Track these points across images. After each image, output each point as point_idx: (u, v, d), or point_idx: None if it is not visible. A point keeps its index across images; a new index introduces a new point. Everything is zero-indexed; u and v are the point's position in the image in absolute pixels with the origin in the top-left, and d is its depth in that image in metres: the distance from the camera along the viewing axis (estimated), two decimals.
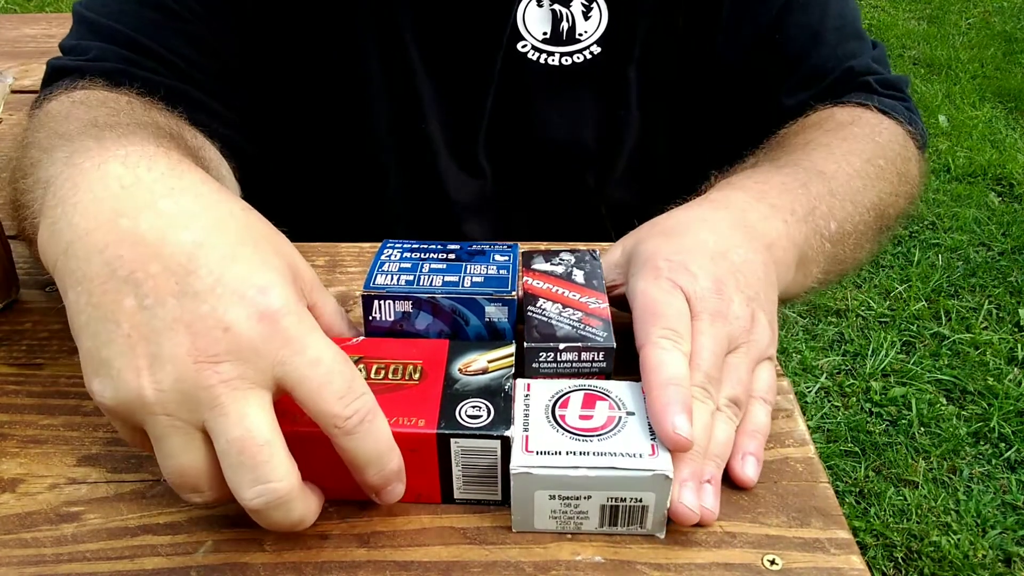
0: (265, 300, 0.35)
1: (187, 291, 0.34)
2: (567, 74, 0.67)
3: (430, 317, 0.46)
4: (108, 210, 0.36)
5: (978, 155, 2.49)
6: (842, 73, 0.69)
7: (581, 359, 0.44)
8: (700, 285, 0.44)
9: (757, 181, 0.55)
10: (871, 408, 1.64)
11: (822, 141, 0.61)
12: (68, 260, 0.36)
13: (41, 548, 0.40)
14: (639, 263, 0.47)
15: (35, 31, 1.10)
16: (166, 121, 0.54)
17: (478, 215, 0.73)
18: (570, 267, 0.49)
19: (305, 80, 0.68)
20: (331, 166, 0.73)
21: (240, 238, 0.37)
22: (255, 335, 0.34)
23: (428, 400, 0.41)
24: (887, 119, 0.67)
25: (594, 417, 0.41)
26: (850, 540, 0.40)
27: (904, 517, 1.41)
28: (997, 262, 2.06)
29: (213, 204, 0.38)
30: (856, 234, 0.58)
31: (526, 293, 0.47)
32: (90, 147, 0.39)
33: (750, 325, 0.45)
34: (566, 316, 0.45)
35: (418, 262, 0.47)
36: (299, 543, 0.40)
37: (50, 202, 0.38)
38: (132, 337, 0.34)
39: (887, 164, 0.63)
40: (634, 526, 0.40)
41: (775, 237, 0.50)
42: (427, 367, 0.43)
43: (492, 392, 0.41)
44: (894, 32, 3.39)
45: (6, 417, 0.47)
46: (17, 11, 3.45)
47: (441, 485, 0.41)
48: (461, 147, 0.70)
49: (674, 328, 0.42)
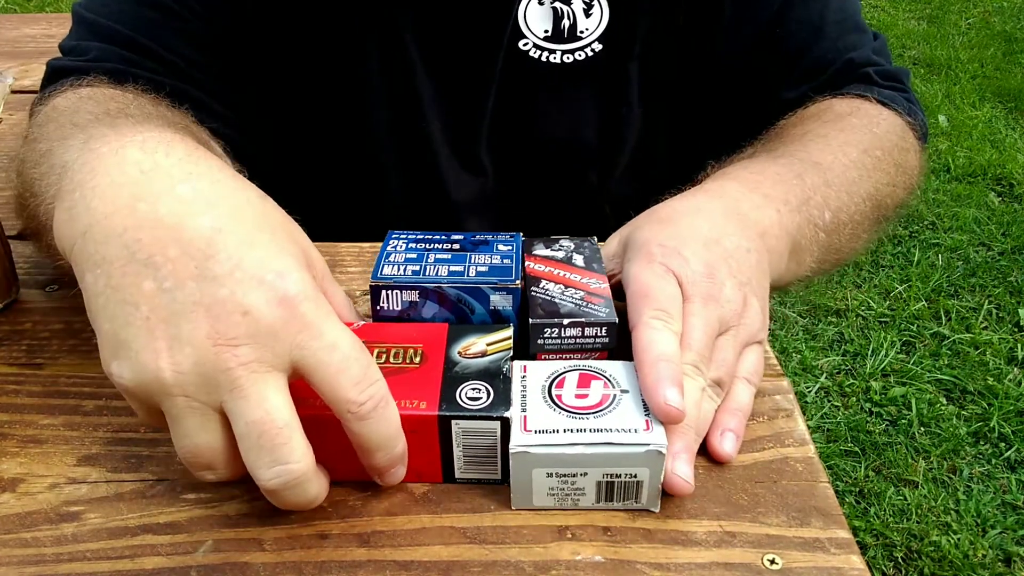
0: (283, 285, 0.35)
1: (206, 275, 0.35)
2: (569, 72, 0.67)
3: (436, 306, 0.47)
4: (127, 195, 0.36)
5: (978, 155, 2.49)
6: (843, 64, 0.69)
7: (584, 334, 0.45)
8: (692, 269, 0.45)
9: (752, 172, 0.56)
10: (871, 408, 1.64)
11: (820, 132, 0.62)
12: (86, 243, 0.36)
13: (41, 548, 0.40)
14: (634, 249, 0.48)
15: (35, 31, 1.10)
16: (173, 115, 0.55)
17: (479, 214, 0.74)
18: (570, 252, 0.50)
19: (305, 79, 0.68)
20: (331, 166, 0.73)
21: (257, 225, 0.37)
22: (274, 319, 0.35)
23: (429, 383, 0.42)
24: (886, 110, 0.67)
25: (589, 396, 0.42)
26: (850, 540, 0.40)
27: (904, 517, 1.41)
28: (997, 262, 2.06)
29: (230, 191, 0.38)
30: (852, 224, 0.59)
31: (528, 276, 0.48)
32: (106, 133, 0.40)
33: (741, 309, 0.46)
34: (568, 295, 0.46)
35: (424, 252, 0.48)
36: (299, 543, 0.40)
37: (67, 187, 0.38)
38: (151, 319, 0.34)
39: (884, 155, 0.63)
40: (629, 501, 0.41)
41: (768, 226, 0.51)
42: (427, 350, 0.44)
43: (491, 374, 0.42)
44: (894, 32, 3.39)
45: (6, 417, 0.47)
46: (17, 11, 3.45)
47: (442, 465, 0.42)
48: (462, 146, 0.70)
49: (665, 309, 0.43)
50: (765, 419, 0.47)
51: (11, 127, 0.83)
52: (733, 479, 0.43)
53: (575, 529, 0.41)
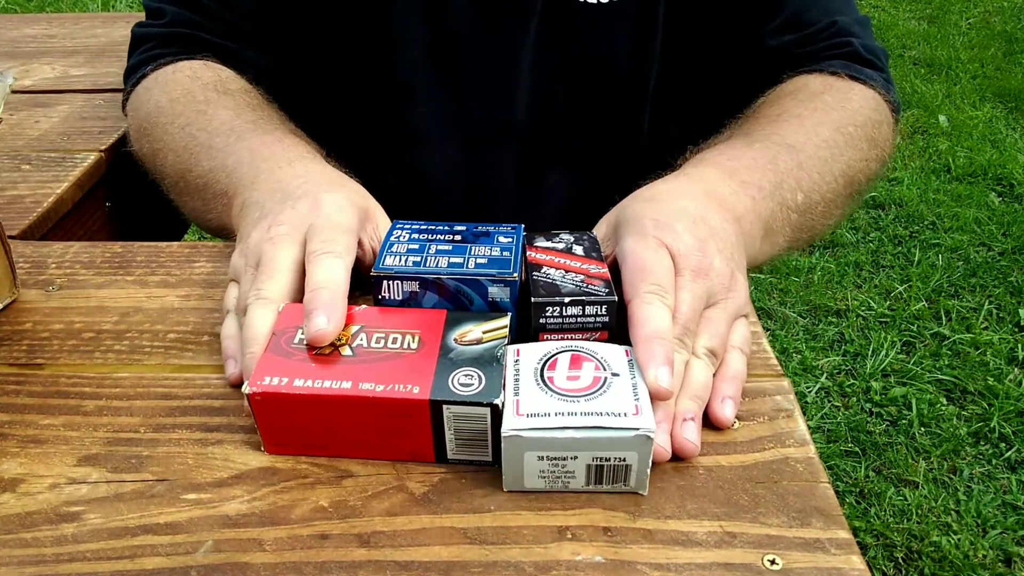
0: (325, 204, 0.51)
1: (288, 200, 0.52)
2: (605, 12, 0.71)
3: (436, 297, 0.48)
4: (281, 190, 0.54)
5: (978, 155, 2.49)
6: (826, 25, 0.72)
7: (585, 313, 0.46)
8: (684, 243, 0.48)
9: (728, 158, 0.59)
10: (871, 408, 1.64)
11: (794, 112, 0.65)
12: (244, 210, 0.55)
13: (41, 548, 0.40)
14: (627, 225, 0.50)
15: (35, 31, 1.10)
16: (273, 114, 0.69)
17: (509, 146, 0.76)
18: (570, 244, 0.52)
19: (340, 13, 0.72)
20: (361, 94, 0.76)
21: (332, 186, 0.53)
22: (305, 216, 0.50)
23: (424, 368, 0.43)
24: (859, 84, 0.70)
25: (581, 378, 0.43)
26: (850, 540, 0.40)
27: (904, 517, 1.41)
28: (997, 262, 2.06)
29: (335, 178, 0.55)
30: (824, 203, 0.62)
31: (529, 264, 0.49)
32: (263, 155, 0.59)
33: (729, 283, 0.49)
34: (569, 278, 0.48)
35: (425, 243, 0.50)
36: (299, 543, 0.40)
37: (235, 188, 0.58)
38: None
39: (856, 130, 0.66)
40: (618, 484, 0.42)
41: (743, 212, 0.54)
42: (424, 337, 0.45)
43: (485, 361, 0.43)
44: (894, 32, 3.39)
45: (6, 417, 0.47)
46: (17, 11, 3.45)
47: (435, 447, 0.43)
48: (498, 80, 0.73)
49: (660, 284, 0.46)
50: (765, 419, 0.47)
51: (11, 127, 0.83)
52: (733, 479, 0.43)
53: (575, 529, 0.41)
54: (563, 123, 0.76)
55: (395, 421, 0.42)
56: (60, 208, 0.71)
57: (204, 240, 2.01)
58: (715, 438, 0.46)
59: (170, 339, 0.53)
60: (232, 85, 0.69)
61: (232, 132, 0.62)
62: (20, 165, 0.75)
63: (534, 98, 0.75)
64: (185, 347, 0.52)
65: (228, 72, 0.71)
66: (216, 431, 0.46)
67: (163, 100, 0.68)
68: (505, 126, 0.76)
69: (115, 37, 1.08)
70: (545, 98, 0.75)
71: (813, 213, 0.61)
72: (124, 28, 1.10)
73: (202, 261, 0.61)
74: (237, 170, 0.59)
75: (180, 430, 0.46)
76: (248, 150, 0.60)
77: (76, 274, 0.59)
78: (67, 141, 0.80)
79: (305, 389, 0.42)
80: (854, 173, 0.65)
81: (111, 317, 0.55)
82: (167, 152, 0.66)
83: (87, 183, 0.75)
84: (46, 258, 0.61)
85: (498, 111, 0.75)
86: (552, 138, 0.77)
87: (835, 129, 0.64)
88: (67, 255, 0.62)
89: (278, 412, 0.42)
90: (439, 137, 0.76)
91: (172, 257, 0.61)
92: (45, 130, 0.82)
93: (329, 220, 0.49)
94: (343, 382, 0.42)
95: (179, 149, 0.64)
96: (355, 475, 0.43)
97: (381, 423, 0.42)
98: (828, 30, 0.72)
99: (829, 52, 0.72)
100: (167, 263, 0.61)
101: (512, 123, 0.76)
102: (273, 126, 0.64)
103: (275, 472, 0.44)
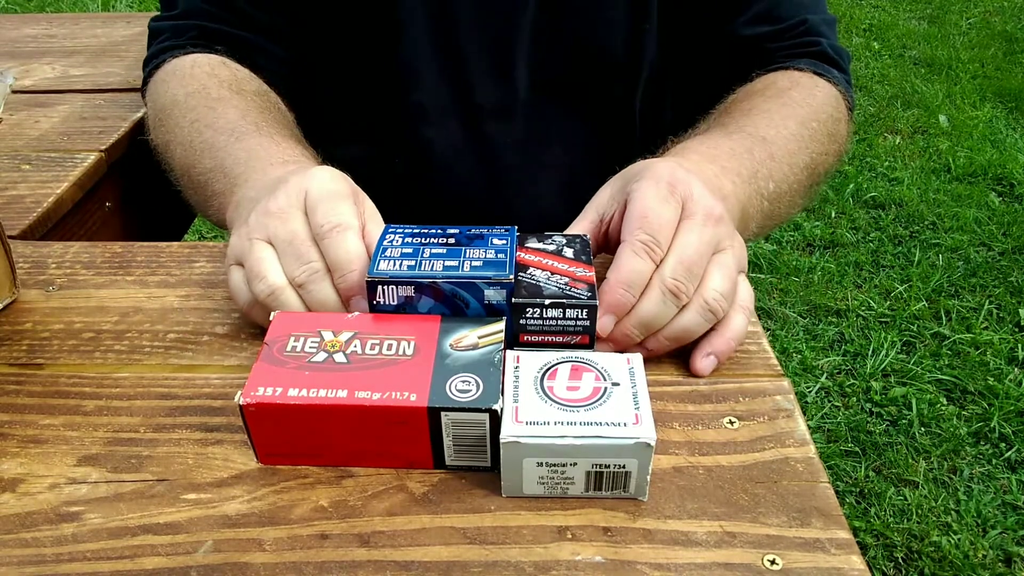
0: (314, 187, 0.50)
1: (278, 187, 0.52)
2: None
3: (431, 301, 0.47)
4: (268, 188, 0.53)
5: (978, 155, 2.49)
6: (798, 23, 0.76)
7: (566, 316, 0.46)
8: (698, 191, 0.49)
9: (709, 147, 0.61)
10: (871, 408, 1.64)
11: (764, 107, 0.68)
12: (238, 207, 0.56)
13: (41, 548, 0.40)
14: (646, 170, 0.51)
15: (35, 31, 1.10)
16: (277, 110, 0.71)
17: (507, 121, 0.77)
18: (561, 246, 0.52)
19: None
20: (361, 70, 0.77)
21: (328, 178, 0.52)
22: (294, 203, 0.50)
23: (420, 375, 0.42)
24: (822, 81, 0.74)
25: (581, 388, 0.43)
26: (850, 540, 0.40)
27: (904, 517, 1.41)
28: (997, 262, 2.06)
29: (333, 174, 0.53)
30: (791, 193, 0.66)
31: (516, 264, 0.49)
32: (261, 157, 0.60)
33: (733, 233, 0.50)
34: (554, 281, 0.48)
35: (419, 247, 0.49)
36: (299, 543, 0.40)
37: (231, 188, 0.59)
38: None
39: (819, 126, 0.70)
40: (618, 490, 0.42)
41: (726, 194, 0.56)
42: (420, 343, 0.45)
43: (482, 367, 0.43)
44: (894, 32, 3.39)
45: (6, 417, 0.47)
46: (17, 11, 3.45)
47: (433, 453, 0.43)
48: (497, 55, 0.74)
49: (654, 235, 0.47)
50: (765, 419, 0.47)
51: (11, 127, 0.83)
52: (733, 479, 0.43)
53: (575, 529, 0.41)
54: (561, 100, 0.77)
55: (392, 429, 0.42)
56: (60, 208, 0.71)
57: (204, 240, 2.01)
58: (715, 438, 0.46)
59: (170, 339, 0.53)
60: (247, 86, 0.71)
61: (234, 132, 0.63)
62: (20, 165, 0.75)
63: (533, 75, 0.76)
64: (185, 347, 0.52)
65: (245, 72, 0.73)
66: (216, 431, 0.46)
67: (179, 94, 0.70)
68: (506, 103, 0.77)
69: (115, 37, 1.08)
70: (544, 75, 0.76)
71: (781, 202, 0.65)
72: (124, 28, 1.10)
73: (202, 261, 0.61)
74: (233, 170, 0.60)
75: (180, 430, 0.46)
76: (245, 150, 0.61)
77: (76, 274, 0.59)
78: (67, 141, 0.80)
79: (300, 399, 0.41)
80: (816, 166, 0.69)
81: (111, 317, 0.55)
82: (176, 146, 0.68)
83: (87, 183, 0.75)
84: (46, 258, 0.61)
85: (499, 88, 0.76)
86: (552, 115, 0.78)
87: (801, 124, 0.68)
88: (67, 255, 0.62)
89: (272, 422, 0.42)
90: (442, 115, 0.77)
91: (172, 257, 0.61)
92: (45, 130, 0.82)
93: (324, 187, 0.49)
94: (339, 391, 0.41)
95: (186, 144, 0.66)
96: (355, 475, 0.43)
97: (378, 431, 0.42)
98: (799, 27, 0.76)
99: (798, 50, 0.75)
100: (167, 263, 0.61)
101: (513, 100, 0.77)
102: (275, 129, 0.65)
103: (275, 472, 0.44)
